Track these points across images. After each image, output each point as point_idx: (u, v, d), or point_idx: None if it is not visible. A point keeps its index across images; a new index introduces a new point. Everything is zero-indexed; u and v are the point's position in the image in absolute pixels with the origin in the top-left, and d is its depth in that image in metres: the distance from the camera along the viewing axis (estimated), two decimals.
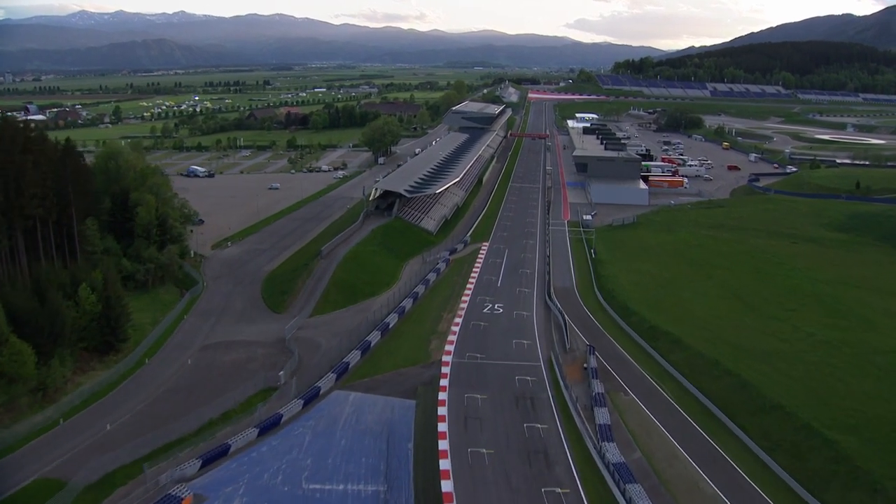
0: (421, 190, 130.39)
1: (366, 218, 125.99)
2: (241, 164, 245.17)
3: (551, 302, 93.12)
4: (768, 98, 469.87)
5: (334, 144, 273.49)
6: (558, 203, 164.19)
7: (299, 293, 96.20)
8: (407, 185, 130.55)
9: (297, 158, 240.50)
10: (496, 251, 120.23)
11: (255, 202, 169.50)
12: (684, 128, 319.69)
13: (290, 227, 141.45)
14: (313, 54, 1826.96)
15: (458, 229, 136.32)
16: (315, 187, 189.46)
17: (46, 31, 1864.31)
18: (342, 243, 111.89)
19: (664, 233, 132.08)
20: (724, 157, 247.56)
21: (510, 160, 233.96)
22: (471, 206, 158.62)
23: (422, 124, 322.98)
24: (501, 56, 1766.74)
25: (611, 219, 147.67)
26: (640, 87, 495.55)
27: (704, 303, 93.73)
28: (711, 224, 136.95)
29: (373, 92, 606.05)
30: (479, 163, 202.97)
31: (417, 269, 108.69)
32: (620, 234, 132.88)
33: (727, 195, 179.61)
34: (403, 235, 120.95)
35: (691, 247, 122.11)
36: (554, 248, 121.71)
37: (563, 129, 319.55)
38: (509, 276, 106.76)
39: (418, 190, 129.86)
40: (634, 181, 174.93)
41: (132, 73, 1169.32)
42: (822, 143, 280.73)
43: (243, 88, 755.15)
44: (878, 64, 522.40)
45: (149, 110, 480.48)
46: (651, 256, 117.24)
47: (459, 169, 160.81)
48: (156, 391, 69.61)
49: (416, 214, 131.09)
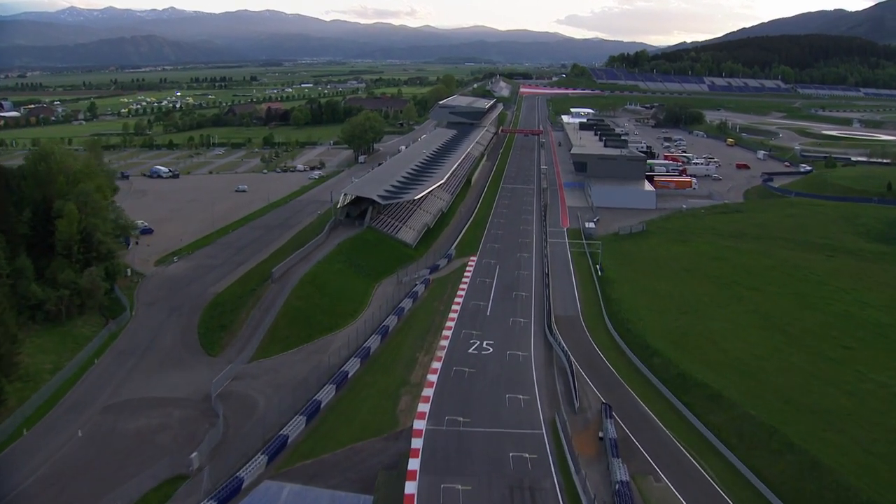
0: (398, 196, 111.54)
1: (333, 229, 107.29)
2: (213, 162, 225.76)
3: (553, 338, 74.86)
4: (768, 93, 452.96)
5: (314, 142, 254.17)
6: (555, 207, 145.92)
7: (242, 328, 77.53)
8: (382, 189, 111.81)
9: (272, 157, 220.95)
10: (486, 268, 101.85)
11: (218, 207, 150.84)
12: (684, 123, 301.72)
13: (250, 237, 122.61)
14: (304, 50, 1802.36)
15: (442, 240, 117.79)
16: (287, 189, 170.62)
17: (35, 27, 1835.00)
18: (301, 261, 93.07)
19: (678, 243, 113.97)
20: (730, 154, 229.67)
21: (501, 158, 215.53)
22: (457, 211, 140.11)
23: (408, 120, 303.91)
24: (493, 52, 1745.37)
25: (616, 226, 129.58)
26: (635, 82, 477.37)
27: (738, 335, 75.84)
28: (731, 232, 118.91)
29: (360, 87, 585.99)
30: (468, 161, 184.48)
31: (391, 293, 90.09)
32: (629, 244, 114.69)
33: (740, 197, 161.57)
34: (376, 250, 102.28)
35: (712, 260, 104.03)
36: (553, 263, 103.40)
37: (557, 125, 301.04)
38: (501, 300, 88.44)
39: (395, 196, 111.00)
40: (639, 182, 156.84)
41: (120, 69, 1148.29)
42: (832, 140, 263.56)
43: (229, 84, 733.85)
44: (878, 58, 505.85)
45: (127, 106, 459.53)
46: (666, 273, 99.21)
47: (445, 169, 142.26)
48: (21, 482, 50.82)
49: (393, 223, 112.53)
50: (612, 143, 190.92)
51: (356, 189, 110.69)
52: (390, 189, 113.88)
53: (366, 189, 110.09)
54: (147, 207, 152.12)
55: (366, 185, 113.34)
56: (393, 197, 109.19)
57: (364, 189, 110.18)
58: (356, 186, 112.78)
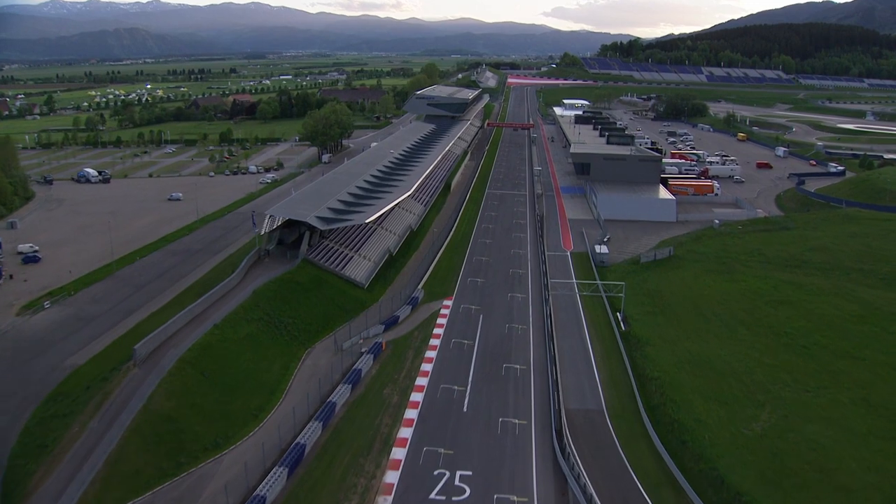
0: (346, 216, 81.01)
1: (253, 265, 77.17)
2: (159, 163, 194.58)
3: (567, 464, 45.53)
4: (769, 83, 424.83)
5: (277, 138, 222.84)
6: (553, 220, 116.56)
7: (68, 452, 47.41)
8: (325, 207, 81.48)
9: (223, 157, 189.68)
10: (464, 319, 72.25)
11: (138, 222, 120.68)
12: (687, 116, 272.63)
13: (160, 267, 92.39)
14: (289, 43, 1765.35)
15: (408, 272, 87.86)
16: (230, 197, 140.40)
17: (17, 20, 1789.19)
18: (190, 324, 62.82)
19: (721, 276, 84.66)
20: (745, 151, 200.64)
21: (488, 156, 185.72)
22: (431, 227, 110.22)
23: (385, 112, 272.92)
24: (479, 44, 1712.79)
25: (632, 247, 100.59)
26: (630, 72, 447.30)
27: (859, 454, 47.09)
28: (786, 260, 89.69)
29: (341, 79, 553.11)
30: (448, 161, 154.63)
31: (324, 369, 60.39)
32: (655, 278, 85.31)
33: (772, 204, 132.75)
34: (310, 296, 72.16)
35: (774, 306, 74.67)
36: (558, 312, 73.93)
37: (548, 118, 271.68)
38: (485, 381, 58.91)
39: (342, 216, 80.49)
40: (654, 188, 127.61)
41: (101, 62, 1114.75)
42: (851, 135, 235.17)
43: (206, 76, 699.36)
44: (879, 47, 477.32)
45: (91, 100, 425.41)
46: (716, 326, 70.00)
47: (416, 174, 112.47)
48: None
49: (341, 252, 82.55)
50: (616, 140, 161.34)
51: (287, 209, 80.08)
52: (337, 207, 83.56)
53: (301, 208, 79.69)
54: (52, 224, 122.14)
55: (304, 202, 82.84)
56: (338, 219, 78.82)
57: (299, 208, 79.77)
58: (289, 204, 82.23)
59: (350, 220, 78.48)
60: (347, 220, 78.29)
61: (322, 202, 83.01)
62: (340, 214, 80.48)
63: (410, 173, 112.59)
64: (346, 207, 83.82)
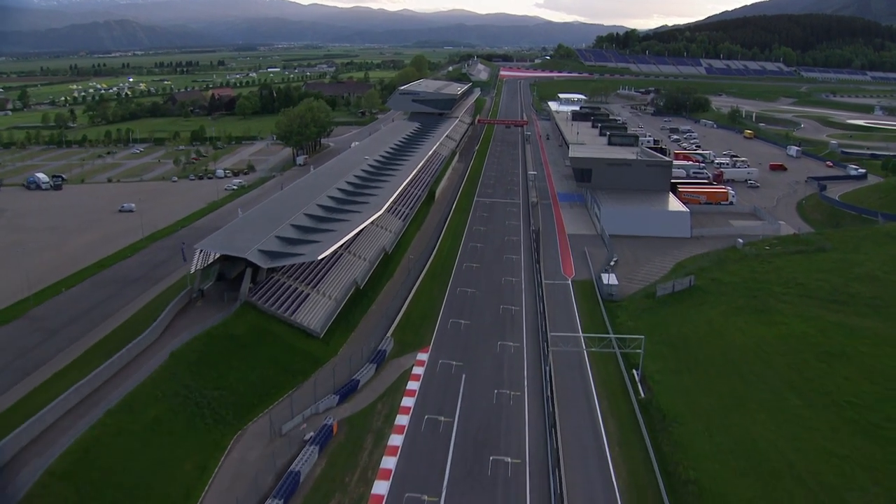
0: (298, 247, 65.00)
1: (181, 312, 61.68)
2: (123, 165, 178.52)
3: None
4: (769, 76, 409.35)
5: (253, 136, 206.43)
6: (551, 237, 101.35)
7: None
8: (272, 236, 65.85)
9: (189, 159, 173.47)
10: (442, 383, 57.06)
11: (77, 241, 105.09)
12: (688, 111, 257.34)
13: (85, 303, 76.97)
14: (281, 35, 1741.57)
15: (376, 312, 72.42)
16: (188, 207, 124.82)
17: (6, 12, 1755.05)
18: (79, 407, 47.34)
19: (755, 315, 69.54)
20: (752, 150, 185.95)
21: (478, 157, 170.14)
22: (409, 247, 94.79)
23: (370, 108, 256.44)
24: (472, 35, 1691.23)
25: (644, 271, 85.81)
26: (626, 64, 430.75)
27: None
28: (830, 292, 74.53)
29: (329, 71, 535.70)
30: (433, 164, 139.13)
31: (251, 470, 45.05)
32: (677, 318, 70.28)
33: (794, 214, 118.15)
34: (246, 356, 56.65)
35: (825, 360, 59.58)
36: (561, 377, 58.62)
37: (542, 114, 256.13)
38: (466, 489, 43.79)
39: (291, 250, 64.38)
40: (663, 197, 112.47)
41: (90, 54, 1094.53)
42: (862, 131, 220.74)
43: (194, 69, 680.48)
44: (882, 39, 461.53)
45: (69, 95, 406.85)
46: (761, 392, 55.16)
47: (393, 185, 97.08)
48: None
49: (294, 290, 66.99)
50: (618, 140, 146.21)
51: (222, 241, 64.00)
52: (289, 235, 67.85)
53: (242, 238, 64.02)
54: None
55: (247, 229, 67.06)
56: (286, 253, 63.04)
57: (238, 239, 64.00)
58: (227, 234, 66.32)
59: (300, 254, 62.80)
60: (296, 256, 62.61)
61: (271, 229, 67.39)
62: (291, 246, 64.82)
63: (387, 184, 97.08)
64: (300, 235, 68.21)
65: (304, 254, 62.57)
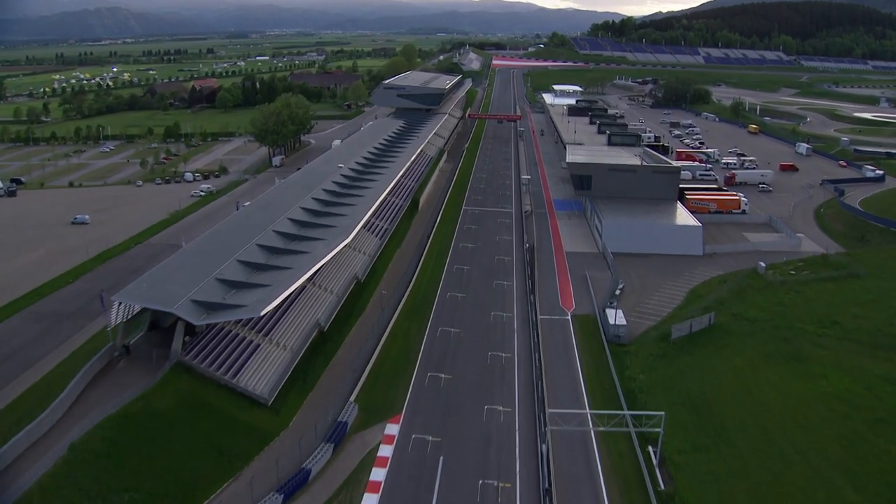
0: (240, 295, 52.81)
1: (96, 378, 49.88)
2: (89, 165, 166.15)
3: None
4: (769, 65, 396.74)
5: (231, 132, 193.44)
6: (548, 256, 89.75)
7: None
8: (212, 279, 53.90)
9: (159, 160, 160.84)
10: (414, 469, 45.45)
11: (18, 260, 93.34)
12: (688, 103, 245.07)
13: (7, 347, 65.13)
14: (274, 22, 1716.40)
15: (340, 364, 60.63)
16: (148, 217, 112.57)
17: None
18: None
19: (788, 365, 58.26)
20: (759, 146, 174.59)
21: (467, 157, 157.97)
22: (386, 272, 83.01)
23: (357, 100, 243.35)
24: (465, 22, 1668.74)
25: (652, 301, 74.41)
26: (623, 53, 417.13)
27: None
28: (872, 334, 63.07)
29: (319, 60, 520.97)
30: (417, 168, 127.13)
31: None
32: (697, 368, 58.90)
33: (813, 223, 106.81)
34: (171, 439, 44.86)
35: (882, 430, 48.26)
36: (561, 461, 47.03)
37: (536, 106, 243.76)
38: None
39: (231, 302, 51.94)
40: (671, 208, 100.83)
41: (80, 42, 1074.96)
42: (872, 126, 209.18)
43: (182, 58, 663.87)
44: (883, 27, 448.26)
45: (49, 85, 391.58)
46: (807, 478, 44.11)
47: (370, 198, 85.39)
48: None
49: (242, 341, 55.12)
50: (618, 139, 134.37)
51: (147, 291, 51.68)
52: (233, 277, 55.83)
53: (173, 283, 51.96)
54: None
55: (181, 272, 54.82)
56: (225, 305, 51.09)
57: (168, 285, 51.93)
58: (154, 278, 53.76)
59: (241, 306, 50.94)
60: (236, 309, 50.69)
61: (212, 268, 55.47)
62: (234, 293, 52.93)
63: (361, 199, 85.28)
64: (248, 276, 56.36)
65: (245, 305, 50.67)
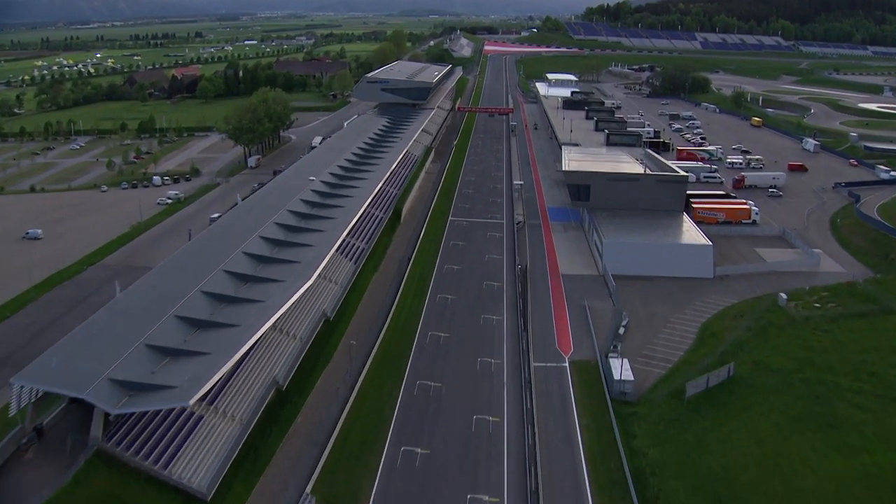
0: (165, 375, 43.29)
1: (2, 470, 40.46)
2: (58, 164, 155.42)
3: None
4: (767, 50, 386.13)
5: (208, 127, 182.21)
6: (542, 282, 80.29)
7: None
8: (139, 347, 44.26)
9: (128, 160, 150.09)
10: None
11: None
12: (687, 92, 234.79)
13: None
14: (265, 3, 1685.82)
15: (298, 435, 51.31)
16: (109, 230, 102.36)
17: None
18: None
19: (821, 432, 49.47)
20: (764, 141, 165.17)
21: (456, 155, 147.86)
22: (360, 305, 73.49)
23: (343, 90, 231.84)
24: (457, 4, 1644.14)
25: (661, 341, 65.22)
26: (618, 38, 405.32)
27: None
28: None
29: (308, 44, 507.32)
30: (402, 172, 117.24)
31: None
32: (717, 439, 49.84)
33: (829, 236, 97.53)
34: None
35: None
36: None
37: (529, 95, 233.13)
38: None
39: (157, 378, 41.79)
40: (677, 222, 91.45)
41: (68, 25, 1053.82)
42: (879, 118, 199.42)
43: (170, 42, 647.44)
44: (882, 12, 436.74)
45: (30, 73, 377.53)
46: None
47: (343, 219, 75.96)
48: None
49: (178, 413, 45.61)
50: (618, 139, 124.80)
51: (54, 372, 41.21)
52: (162, 344, 46.13)
53: (89, 359, 42.40)
54: None
55: (104, 338, 45.28)
56: (149, 386, 40.97)
57: (82, 361, 42.17)
58: (70, 349, 43.61)
59: (169, 388, 41.27)
60: (163, 393, 41.06)
61: (142, 329, 45.88)
62: (166, 362, 43.41)
63: (334, 220, 75.76)
64: (184, 340, 46.72)
65: (175, 386, 41.01)
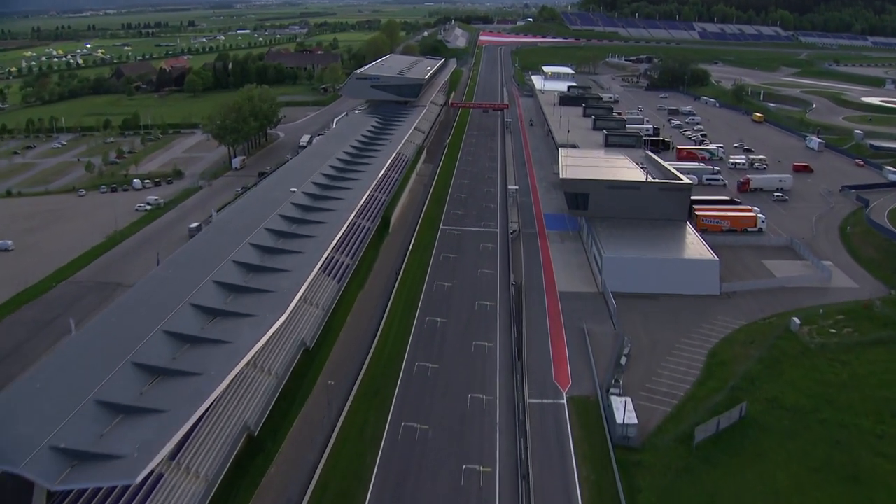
0: (114, 438, 37.50)
1: None
2: (37, 165, 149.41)
3: None
4: (766, 41, 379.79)
5: (194, 123, 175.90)
6: (538, 301, 75.24)
7: None
8: (87, 404, 38.32)
9: (107, 161, 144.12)
10: None
11: None
12: (686, 85, 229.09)
13: None
14: None
15: (271, 488, 46.33)
16: (83, 241, 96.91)
17: None
18: None
19: (842, 485, 44.97)
20: (766, 138, 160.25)
21: (448, 155, 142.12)
22: (343, 331, 68.41)
23: (334, 83, 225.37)
24: None
25: (666, 371, 60.39)
26: (615, 28, 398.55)
27: None
28: None
29: (301, 33, 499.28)
30: (391, 176, 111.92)
31: None
32: (728, 489, 45.07)
33: (841, 248, 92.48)
34: None
35: None
36: None
37: (525, 88, 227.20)
38: None
39: (105, 445, 35.49)
40: (680, 234, 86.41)
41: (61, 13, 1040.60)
42: (883, 113, 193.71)
43: (161, 31, 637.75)
44: (882, 2, 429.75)
45: (17, 64, 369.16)
46: None
47: (326, 236, 70.86)
48: None
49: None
50: (617, 140, 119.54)
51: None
52: (115, 401, 40.84)
53: (29, 418, 37.36)
54: None
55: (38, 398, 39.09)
56: (93, 456, 35.48)
57: (20, 423, 37.28)
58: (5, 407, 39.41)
59: (117, 458, 35.98)
60: (110, 463, 35.84)
61: (92, 382, 40.72)
62: (119, 420, 38.33)
63: (316, 238, 70.58)
64: (138, 395, 41.62)
65: (123, 455, 35.84)
